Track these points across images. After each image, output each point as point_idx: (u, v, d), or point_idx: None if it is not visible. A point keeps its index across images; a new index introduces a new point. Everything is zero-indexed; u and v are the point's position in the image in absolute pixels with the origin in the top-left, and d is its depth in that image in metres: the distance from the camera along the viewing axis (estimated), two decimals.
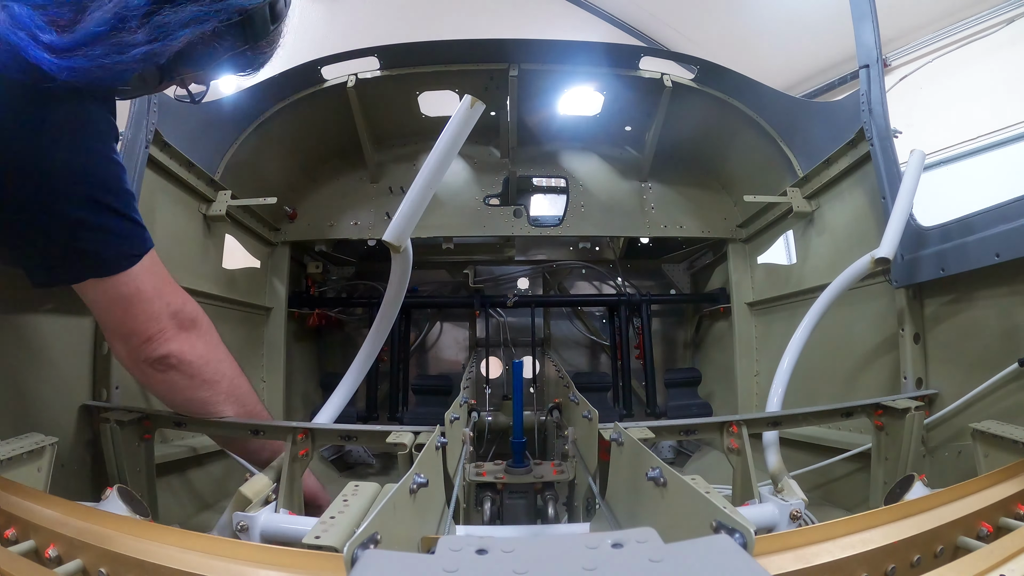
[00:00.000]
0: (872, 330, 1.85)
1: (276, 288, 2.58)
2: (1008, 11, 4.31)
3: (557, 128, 2.71)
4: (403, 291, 1.61)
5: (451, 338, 3.30)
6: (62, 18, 0.86)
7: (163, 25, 0.89)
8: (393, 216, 1.36)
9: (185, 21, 0.91)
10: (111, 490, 1.04)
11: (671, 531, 0.74)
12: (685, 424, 1.35)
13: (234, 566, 0.70)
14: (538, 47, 2.25)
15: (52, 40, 0.84)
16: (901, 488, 1.12)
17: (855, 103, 1.83)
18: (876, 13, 1.76)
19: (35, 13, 0.84)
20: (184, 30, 0.91)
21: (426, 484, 0.88)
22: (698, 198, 2.78)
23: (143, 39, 0.88)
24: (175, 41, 0.91)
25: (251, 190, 2.22)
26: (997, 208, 1.35)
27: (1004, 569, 0.69)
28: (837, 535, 0.74)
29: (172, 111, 1.77)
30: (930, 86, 4.74)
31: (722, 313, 2.85)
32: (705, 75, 2.36)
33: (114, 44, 0.87)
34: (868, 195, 1.86)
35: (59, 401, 1.36)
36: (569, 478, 1.68)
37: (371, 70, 2.33)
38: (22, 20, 0.83)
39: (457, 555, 0.46)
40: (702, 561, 0.43)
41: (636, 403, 2.92)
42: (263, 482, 1.17)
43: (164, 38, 0.90)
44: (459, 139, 1.32)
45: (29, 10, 0.84)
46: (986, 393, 1.40)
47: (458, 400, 1.77)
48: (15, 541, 0.83)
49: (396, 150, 2.74)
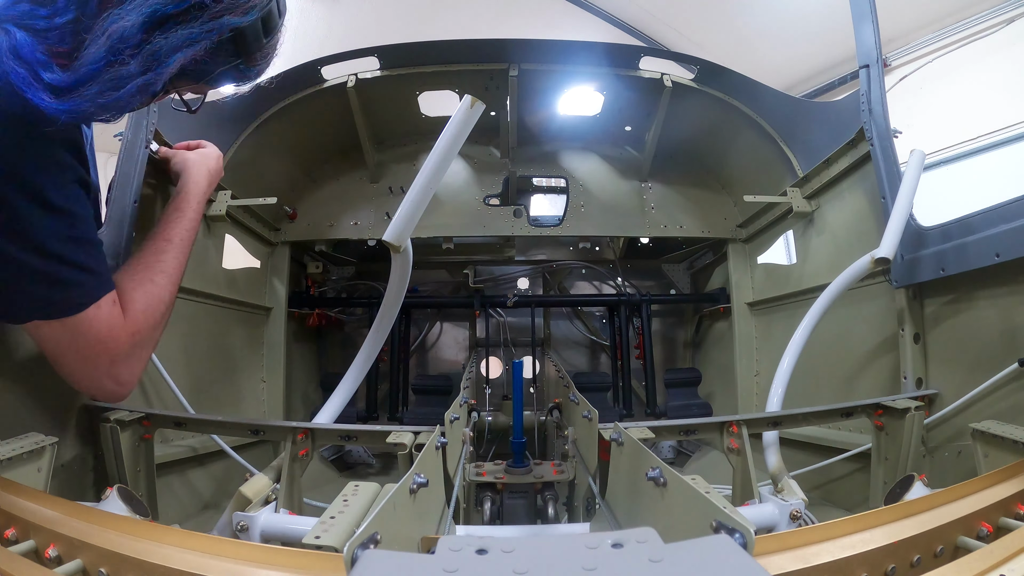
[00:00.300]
0: (872, 330, 1.85)
1: (276, 288, 2.58)
2: (1008, 11, 4.31)
3: (557, 128, 2.71)
4: (403, 291, 1.61)
5: (451, 338, 3.30)
6: (63, 47, 0.85)
7: (155, 53, 0.88)
8: (393, 216, 1.36)
9: (176, 46, 0.90)
10: (111, 490, 1.04)
11: (671, 531, 0.74)
12: (685, 424, 1.35)
13: (234, 566, 0.70)
14: (538, 47, 2.25)
15: (53, 79, 0.83)
16: (901, 488, 1.12)
17: (855, 103, 1.83)
18: (876, 13, 1.76)
19: (36, 43, 0.83)
20: (176, 54, 0.90)
21: (426, 484, 0.88)
22: (698, 198, 2.78)
23: (136, 70, 0.87)
24: (168, 67, 0.90)
25: (251, 190, 2.22)
26: (997, 208, 1.35)
27: (1004, 569, 0.69)
28: (837, 535, 0.74)
29: (172, 111, 1.76)
30: (930, 86, 4.74)
31: (722, 313, 2.85)
32: (705, 75, 2.36)
33: (109, 80, 0.86)
34: (868, 195, 1.86)
35: (59, 401, 1.36)
36: (569, 478, 1.69)
37: (371, 70, 2.33)
38: (24, 52, 0.82)
39: (457, 555, 0.46)
40: (702, 561, 0.43)
41: (636, 403, 2.92)
42: (263, 482, 1.17)
43: (157, 66, 0.89)
44: (459, 139, 1.32)
45: (30, 39, 0.83)
46: (986, 393, 1.39)
47: (458, 400, 1.77)
48: (15, 541, 0.83)
49: (396, 150, 2.74)
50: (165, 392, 1.68)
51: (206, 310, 2.04)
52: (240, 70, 1.07)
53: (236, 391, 2.27)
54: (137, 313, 1.13)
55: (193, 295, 1.94)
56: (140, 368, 1.16)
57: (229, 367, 2.22)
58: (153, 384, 1.67)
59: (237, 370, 2.28)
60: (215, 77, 1.04)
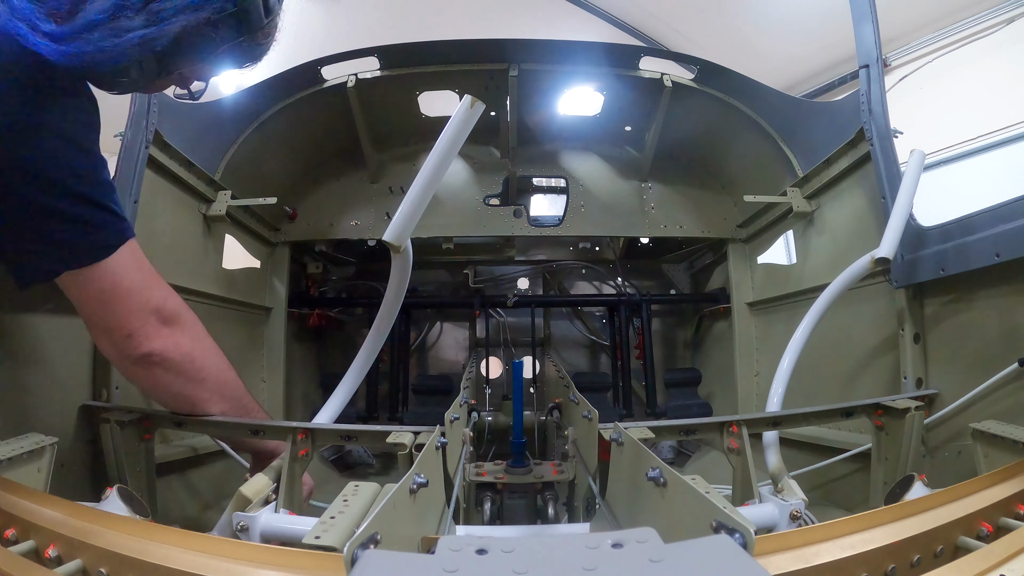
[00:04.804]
0: (872, 330, 1.85)
1: (276, 288, 2.58)
2: (1008, 11, 4.31)
3: (557, 128, 2.71)
4: (403, 291, 1.61)
5: (451, 338, 3.29)
6: (60, 10, 0.88)
7: (159, 11, 0.92)
8: (393, 216, 1.36)
9: (181, 7, 0.94)
10: (111, 490, 1.04)
11: (671, 531, 0.74)
12: (685, 424, 1.35)
13: (234, 566, 0.70)
14: (538, 47, 2.25)
15: (51, 30, 0.86)
16: (901, 488, 1.12)
17: (855, 103, 1.83)
18: (876, 13, 1.76)
19: (34, 6, 0.86)
20: (180, 15, 0.94)
21: (426, 484, 0.88)
22: (698, 198, 2.78)
23: (140, 24, 0.91)
24: (171, 26, 0.94)
25: (251, 190, 2.22)
26: (997, 208, 1.35)
27: (1004, 569, 0.69)
28: (837, 535, 0.74)
29: (172, 111, 1.77)
30: (930, 86, 4.74)
31: (722, 313, 2.85)
32: (705, 75, 2.36)
33: (112, 29, 0.89)
34: (868, 195, 1.86)
35: (59, 401, 1.36)
36: (569, 478, 1.68)
37: (371, 70, 2.33)
38: (22, 11, 0.85)
39: (457, 555, 0.46)
40: (702, 561, 0.43)
41: (636, 403, 2.92)
42: (263, 482, 1.17)
43: (160, 22, 0.93)
44: (459, 139, 1.32)
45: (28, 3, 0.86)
46: (986, 393, 1.39)
47: (458, 400, 1.77)
48: (15, 541, 0.83)
49: (396, 150, 2.74)
50: None
51: (206, 310, 2.04)
52: (241, 49, 1.08)
53: None
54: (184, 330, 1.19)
55: (193, 295, 1.94)
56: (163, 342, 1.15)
57: None
58: None
59: (237, 370, 2.28)
60: (217, 56, 1.06)
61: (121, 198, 1.44)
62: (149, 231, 1.69)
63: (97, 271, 1.03)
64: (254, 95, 2.22)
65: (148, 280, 1.13)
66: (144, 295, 1.12)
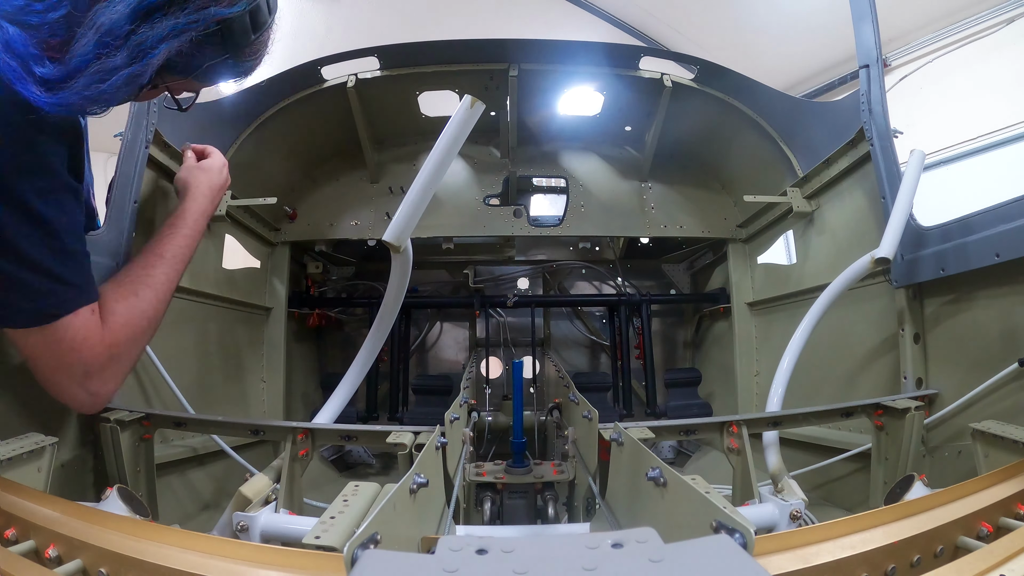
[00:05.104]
0: (872, 330, 1.85)
1: (276, 288, 2.58)
2: (1008, 11, 4.31)
3: (557, 128, 2.71)
4: (403, 291, 1.61)
5: (451, 338, 3.29)
6: (55, 39, 0.85)
7: (141, 44, 0.89)
8: (393, 216, 1.36)
9: (162, 36, 0.90)
10: (111, 490, 1.04)
11: (671, 531, 0.74)
12: (685, 424, 1.35)
13: (234, 566, 0.70)
14: (538, 47, 2.25)
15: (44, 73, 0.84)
16: (901, 488, 1.12)
17: (855, 103, 1.83)
18: (876, 13, 1.76)
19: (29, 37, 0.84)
20: (162, 45, 0.91)
21: (426, 484, 0.88)
22: (698, 198, 2.78)
23: (123, 61, 0.88)
24: (154, 58, 0.91)
25: (251, 190, 2.22)
26: (997, 208, 1.34)
27: (1004, 569, 0.69)
28: (837, 535, 0.74)
29: (173, 111, 1.76)
30: (930, 86, 4.74)
31: (722, 313, 2.84)
32: (705, 75, 2.36)
33: (96, 72, 0.87)
34: (868, 195, 1.86)
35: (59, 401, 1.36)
36: (569, 478, 1.69)
37: (371, 70, 2.33)
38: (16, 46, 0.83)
39: (457, 555, 0.46)
40: (702, 561, 0.43)
41: (636, 403, 2.92)
42: (263, 482, 1.17)
43: (143, 57, 0.90)
44: (459, 139, 1.32)
45: (22, 34, 0.83)
46: (986, 393, 1.39)
47: (458, 400, 1.77)
48: (15, 541, 0.83)
49: (396, 150, 2.74)
50: (165, 392, 1.68)
51: (206, 310, 2.04)
52: (227, 65, 1.06)
53: (236, 391, 2.27)
54: (117, 326, 1.11)
55: (193, 295, 1.95)
56: (116, 382, 1.14)
57: (229, 367, 2.22)
58: (153, 384, 1.67)
59: (237, 370, 2.29)
60: (204, 72, 1.04)
61: (121, 198, 1.45)
62: (149, 231, 1.69)
63: (44, 332, 1.00)
64: (254, 95, 2.22)
65: (89, 343, 1.06)
66: (84, 358, 1.06)
